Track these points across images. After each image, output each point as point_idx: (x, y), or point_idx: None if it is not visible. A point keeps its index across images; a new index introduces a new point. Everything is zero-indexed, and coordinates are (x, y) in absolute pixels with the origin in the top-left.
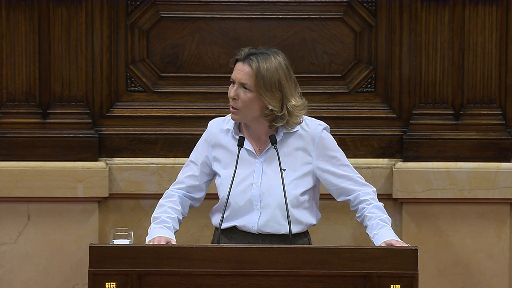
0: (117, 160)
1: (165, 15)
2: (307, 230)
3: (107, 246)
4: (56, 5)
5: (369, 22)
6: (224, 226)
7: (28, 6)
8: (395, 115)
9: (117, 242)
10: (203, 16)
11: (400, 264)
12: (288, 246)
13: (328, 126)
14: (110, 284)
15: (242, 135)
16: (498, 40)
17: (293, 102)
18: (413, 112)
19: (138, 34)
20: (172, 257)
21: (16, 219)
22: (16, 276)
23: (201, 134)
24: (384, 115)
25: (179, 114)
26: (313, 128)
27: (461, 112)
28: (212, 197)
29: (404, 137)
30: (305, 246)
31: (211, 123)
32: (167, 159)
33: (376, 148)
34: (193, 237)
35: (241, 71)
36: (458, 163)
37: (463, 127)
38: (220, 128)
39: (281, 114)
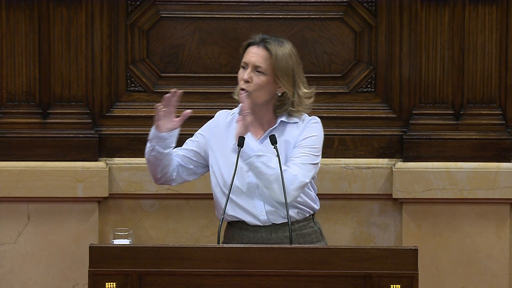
0: (117, 160)
1: (165, 15)
2: (312, 216)
3: (107, 246)
4: (56, 5)
5: (369, 22)
6: (233, 216)
7: (28, 6)
8: (395, 115)
9: (117, 242)
10: (203, 16)
11: (400, 264)
12: (288, 246)
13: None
14: (110, 284)
15: (243, 136)
16: (498, 40)
17: (304, 90)
18: (413, 112)
19: (138, 34)
20: (172, 257)
21: (16, 219)
22: (16, 276)
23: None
24: (384, 115)
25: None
26: (307, 119)
27: (461, 112)
28: (212, 197)
29: (404, 137)
30: (305, 246)
31: (218, 114)
32: None
33: (376, 148)
34: (193, 237)
35: (256, 54)
36: (458, 163)
37: (463, 127)
38: (224, 121)
39: (293, 99)
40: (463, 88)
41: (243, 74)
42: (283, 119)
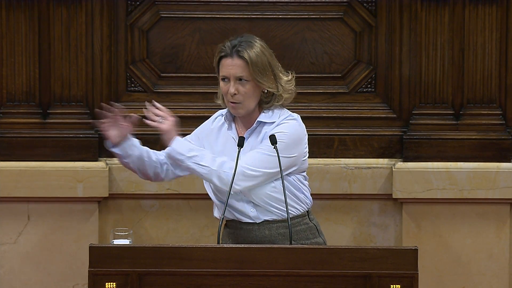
0: (117, 160)
1: (165, 15)
2: (307, 212)
3: (107, 246)
4: (56, 5)
5: (369, 22)
6: (228, 212)
7: (28, 6)
8: (395, 115)
9: (117, 242)
10: (203, 16)
11: (400, 264)
12: (288, 246)
13: (299, 118)
14: (110, 284)
15: (243, 136)
16: (498, 40)
17: (284, 78)
18: (413, 112)
19: (138, 34)
20: (172, 257)
21: (16, 219)
22: (16, 276)
23: None
24: (384, 115)
25: (179, 114)
26: (283, 116)
27: (461, 112)
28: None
29: (404, 137)
30: (305, 246)
31: (215, 115)
32: None
33: (376, 148)
34: (193, 237)
35: (233, 65)
36: (458, 163)
37: (463, 127)
38: (218, 123)
39: (278, 93)
40: (463, 88)
41: (226, 88)
42: (261, 119)
